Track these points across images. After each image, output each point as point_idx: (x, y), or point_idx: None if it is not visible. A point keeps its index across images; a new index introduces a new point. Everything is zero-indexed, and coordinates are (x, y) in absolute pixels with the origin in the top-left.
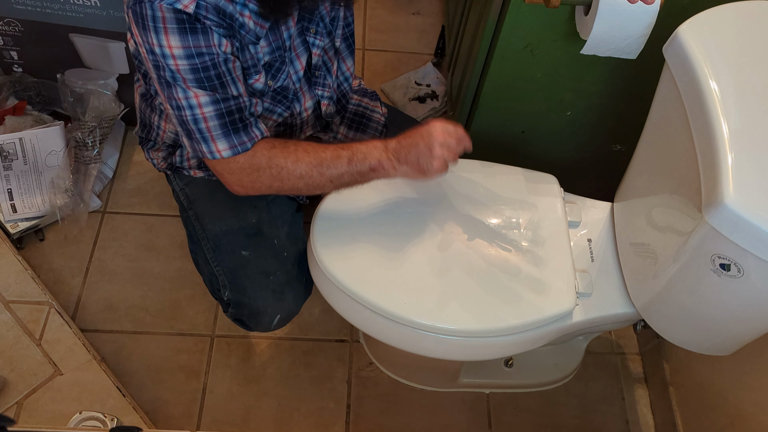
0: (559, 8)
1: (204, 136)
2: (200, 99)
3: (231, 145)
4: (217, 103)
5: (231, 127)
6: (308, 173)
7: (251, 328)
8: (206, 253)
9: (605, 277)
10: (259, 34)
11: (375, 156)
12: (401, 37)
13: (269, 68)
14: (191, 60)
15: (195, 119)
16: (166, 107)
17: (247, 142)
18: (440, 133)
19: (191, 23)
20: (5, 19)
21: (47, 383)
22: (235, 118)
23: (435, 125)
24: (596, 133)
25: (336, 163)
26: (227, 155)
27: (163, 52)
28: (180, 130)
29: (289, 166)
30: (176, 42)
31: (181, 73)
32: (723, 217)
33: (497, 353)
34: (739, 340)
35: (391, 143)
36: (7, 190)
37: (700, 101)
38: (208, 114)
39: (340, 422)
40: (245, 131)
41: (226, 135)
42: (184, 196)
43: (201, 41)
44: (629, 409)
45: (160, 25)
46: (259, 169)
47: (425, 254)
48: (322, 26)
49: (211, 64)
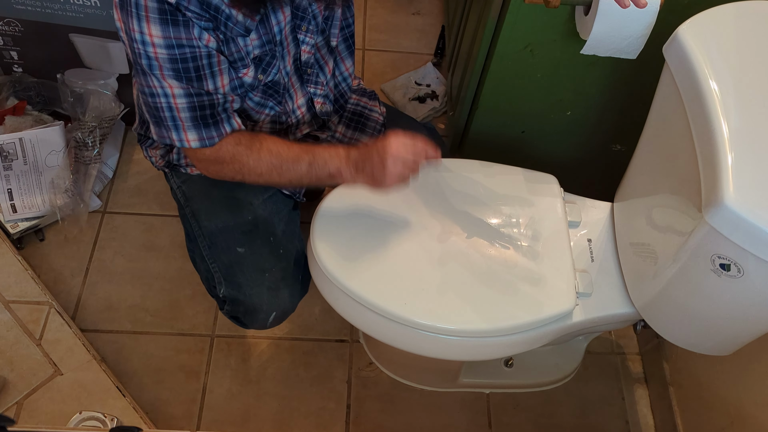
0: (559, 8)
1: (176, 123)
2: (174, 90)
3: (200, 138)
4: (191, 97)
5: (201, 121)
6: (268, 173)
7: (247, 325)
8: (202, 250)
9: (605, 277)
10: (249, 26)
11: (335, 164)
12: (401, 37)
13: (259, 62)
14: (171, 50)
15: (169, 107)
16: (139, 94)
17: (215, 137)
18: (394, 147)
19: (173, 14)
20: (5, 19)
21: (47, 383)
22: (206, 113)
23: (391, 139)
24: (596, 133)
25: (296, 166)
26: (195, 146)
27: (143, 39)
28: (149, 117)
29: (251, 164)
30: (157, 31)
31: (159, 61)
32: (723, 217)
33: (497, 353)
34: (739, 340)
35: (353, 152)
36: (7, 190)
37: (700, 101)
38: (180, 105)
39: (340, 422)
40: (215, 126)
41: (196, 127)
42: (181, 194)
43: (182, 33)
44: (629, 409)
45: (142, 12)
46: (222, 162)
47: (425, 254)
48: (314, 24)
49: (191, 56)
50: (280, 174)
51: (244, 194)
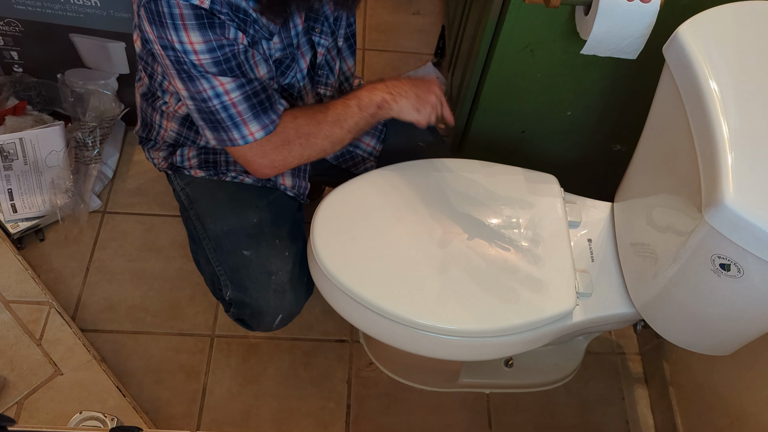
0: (559, 8)
1: (235, 121)
2: (226, 86)
3: (263, 125)
4: (243, 87)
5: (260, 107)
6: (331, 131)
7: (253, 328)
8: (207, 253)
9: (605, 277)
10: (273, 30)
11: (378, 94)
12: (401, 37)
13: (279, 65)
14: (213, 53)
15: (224, 106)
16: (188, 102)
17: (276, 119)
18: (437, 87)
19: (209, 18)
20: (6, 19)
21: (47, 383)
22: (261, 98)
23: (435, 81)
24: (596, 133)
25: (349, 113)
26: (260, 136)
27: (184, 48)
28: (203, 124)
29: (314, 130)
30: (197, 37)
31: (204, 67)
32: (723, 217)
33: (497, 353)
34: (739, 340)
35: (389, 81)
36: (7, 190)
37: (700, 101)
38: (236, 98)
39: (340, 422)
40: (272, 109)
41: (257, 116)
42: (185, 196)
43: (220, 34)
44: (629, 409)
45: (179, 22)
46: (290, 142)
47: (425, 254)
48: (326, 26)
49: (231, 54)
50: (341, 127)
51: (249, 196)
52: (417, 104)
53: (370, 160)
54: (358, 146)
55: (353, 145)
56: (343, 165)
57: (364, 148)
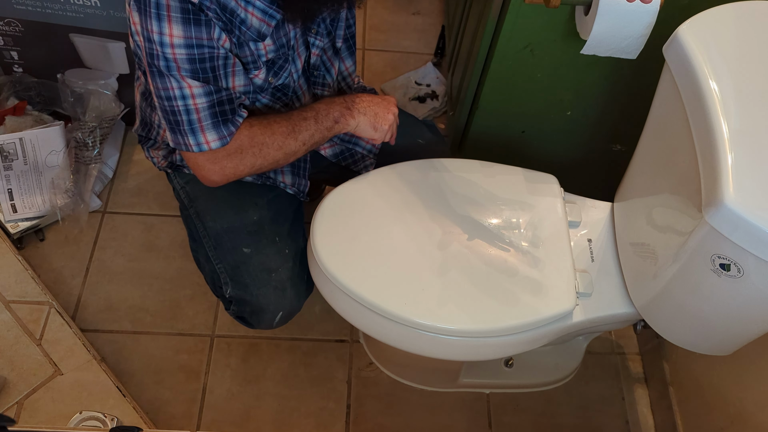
0: (559, 8)
1: (194, 127)
2: (194, 90)
3: (220, 136)
4: (210, 95)
5: (221, 117)
6: (285, 142)
7: (253, 325)
8: (207, 250)
9: (605, 277)
10: (265, 32)
11: (337, 110)
12: (401, 37)
13: (272, 65)
14: (190, 50)
15: (187, 110)
16: (154, 98)
17: (233, 131)
18: (395, 107)
19: (195, 14)
20: (5, 19)
21: (47, 383)
22: (225, 108)
23: (393, 101)
24: (596, 133)
25: (305, 126)
26: (215, 146)
27: (161, 40)
28: (165, 121)
29: (268, 140)
30: (178, 31)
31: (177, 62)
32: (723, 217)
33: (497, 353)
34: (739, 340)
35: (347, 98)
36: (7, 190)
37: (700, 101)
38: (200, 105)
39: (340, 422)
40: (232, 121)
41: (216, 126)
42: (185, 194)
43: (203, 33)
44: (629, 409)
45: (164, 12)
46: (242, 151)
47: (425, 254)
48: (323, 27)
49: (209, 56)
50: (295, 137)
51: (249, 194)
52: (375, 122)
53: (370, 158)
54: (358, 144)
55: (353, 143)
56: (342, 162)
57: (364, 146)
